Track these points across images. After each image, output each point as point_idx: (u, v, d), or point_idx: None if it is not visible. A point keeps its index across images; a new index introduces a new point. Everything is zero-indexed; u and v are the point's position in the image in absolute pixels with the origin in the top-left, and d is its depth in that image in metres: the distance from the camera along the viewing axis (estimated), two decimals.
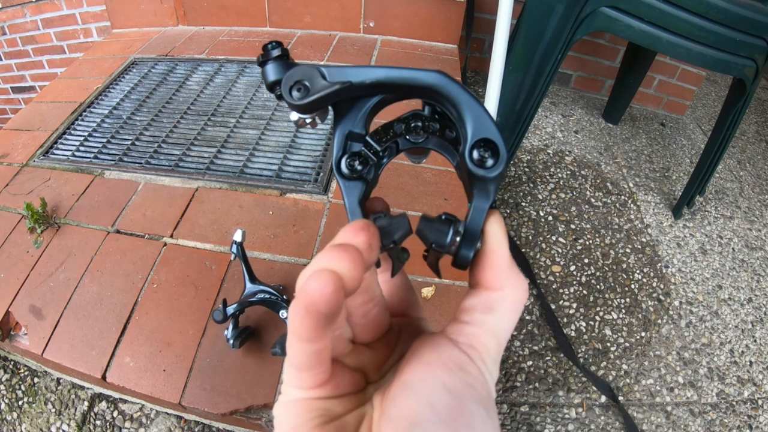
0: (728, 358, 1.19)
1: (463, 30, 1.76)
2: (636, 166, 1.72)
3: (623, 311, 1.26)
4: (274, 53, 0.23)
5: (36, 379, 1.03)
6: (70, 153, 1.28)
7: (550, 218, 1.49)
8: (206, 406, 0.82)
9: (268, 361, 0.86)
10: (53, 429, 0.96)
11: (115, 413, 0.97)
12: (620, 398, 1.09)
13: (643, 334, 1.22)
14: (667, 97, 1.99)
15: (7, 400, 1.00)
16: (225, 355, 0.87)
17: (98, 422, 0.96)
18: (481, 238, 0.20)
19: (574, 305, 1.27)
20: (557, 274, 1.34)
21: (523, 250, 1.38)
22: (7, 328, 0.95)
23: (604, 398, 1.08)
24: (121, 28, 1.90)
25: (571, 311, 1.25)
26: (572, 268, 1.36)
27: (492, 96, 1.13)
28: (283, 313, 0.82)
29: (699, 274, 1.38)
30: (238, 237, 0.85)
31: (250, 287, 0.84)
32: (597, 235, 1.45)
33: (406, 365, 0.19)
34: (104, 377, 0.86)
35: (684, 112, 2.03)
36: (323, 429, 0.18)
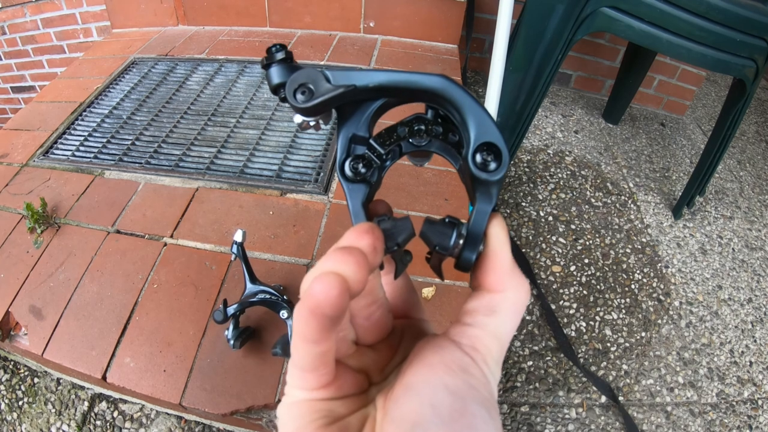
0: (728, 358, 1.19)
1: (463, 30, 1.76)
2: (636, 166, 1.73)
3: (623, 311, 1.26)
4: (278, 56, 0.23)
5: (36, 380, 1.03)
6: (70, 153, 1.27)
7: (551, 218, 1.49)
8: (207, 407, 0.82)
9: (269, 361, 0.86)
10: (53, 429, 0.96)
11: (116, 413, 0.97)
12: (620, 398, 1.09)
13: (643, 334, 1.22)
14: (667, 97, 2.00)
15: (7, 401, 1.00)
16: (225, 355, 0.87)
17: (98, 422, 0.96)
18: (483, 241, 0.20)
19: (575, 305, 1.27)
20: (557, 275, 1.34)
21: (523, 251, 1.38)
22: (7, 328, 0.95)
23: (604, 398, 1.09)
24: (121, 28, 1.90)
25: (572, 311, 1.26)
26: (572, 268, 1.36)
27: (492, 96, 1.13)
28: (284, 314, 0.82)
29: (699, 274, 1.38)
30: (238, 237, 0.85)
31: (250, 287, 0.84)
32: (597, 235, 1.45)
33: (409, 367, 0.19)
34: (104, 377, 0.86)
35: (684, 112, 2.03)
36: (327, 430, 0.18)
